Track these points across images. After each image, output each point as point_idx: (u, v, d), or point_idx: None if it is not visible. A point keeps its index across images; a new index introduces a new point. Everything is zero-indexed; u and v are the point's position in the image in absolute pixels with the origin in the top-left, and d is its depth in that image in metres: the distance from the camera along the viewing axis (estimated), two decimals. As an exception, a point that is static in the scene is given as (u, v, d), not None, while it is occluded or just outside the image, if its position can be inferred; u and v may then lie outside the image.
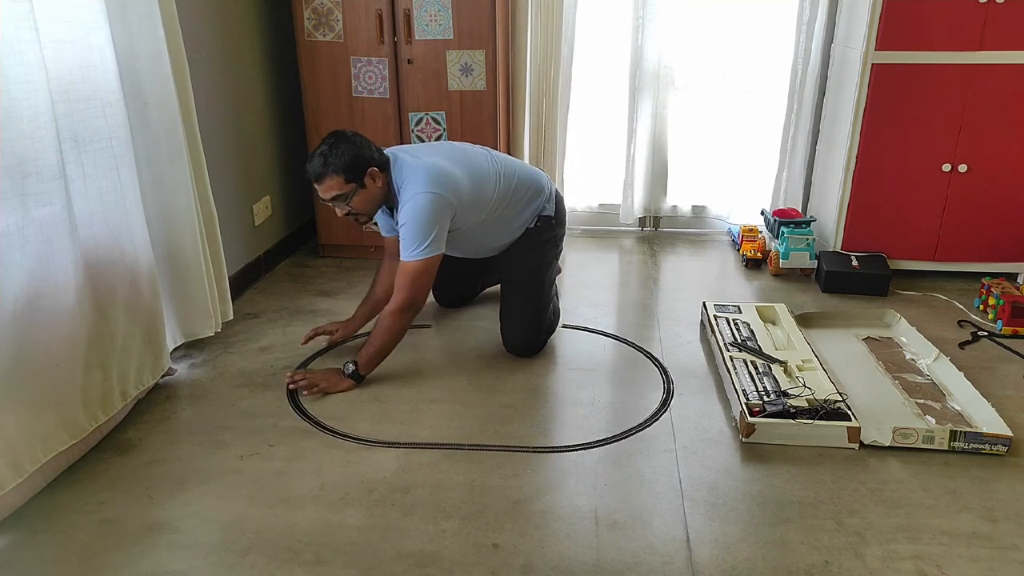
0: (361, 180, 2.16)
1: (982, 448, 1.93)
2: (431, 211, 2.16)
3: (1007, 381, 2.31)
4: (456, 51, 3.01)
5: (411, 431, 2.06)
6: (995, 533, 1.66)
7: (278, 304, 2.91)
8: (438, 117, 3.12)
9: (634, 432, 2.06)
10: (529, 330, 2.48)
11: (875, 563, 1.57)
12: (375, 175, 2.18)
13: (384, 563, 1.59)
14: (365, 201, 2.21)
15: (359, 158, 2.15)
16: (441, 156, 2.30)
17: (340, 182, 2.14)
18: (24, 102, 1.66)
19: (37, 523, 1.71)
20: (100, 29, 1.92)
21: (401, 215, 2.20)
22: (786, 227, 3.16)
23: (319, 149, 2.16)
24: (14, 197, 1.66)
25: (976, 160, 2.91)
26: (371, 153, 2.19)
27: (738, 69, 3.48)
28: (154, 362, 2.21)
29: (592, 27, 3.47)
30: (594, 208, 3.80)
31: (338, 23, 3.03)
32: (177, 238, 2.29)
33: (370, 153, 2.19)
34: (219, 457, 1.95)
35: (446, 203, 2.18)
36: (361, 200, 2.20)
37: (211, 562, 1.59)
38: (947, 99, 2.86)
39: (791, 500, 1.77)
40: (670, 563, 1.58)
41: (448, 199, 2.18)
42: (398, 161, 2.24)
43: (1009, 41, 2.75)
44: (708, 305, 2.70)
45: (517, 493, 1.80)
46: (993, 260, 3.04)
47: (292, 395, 2.25)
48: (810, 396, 2.08)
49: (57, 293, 1.80)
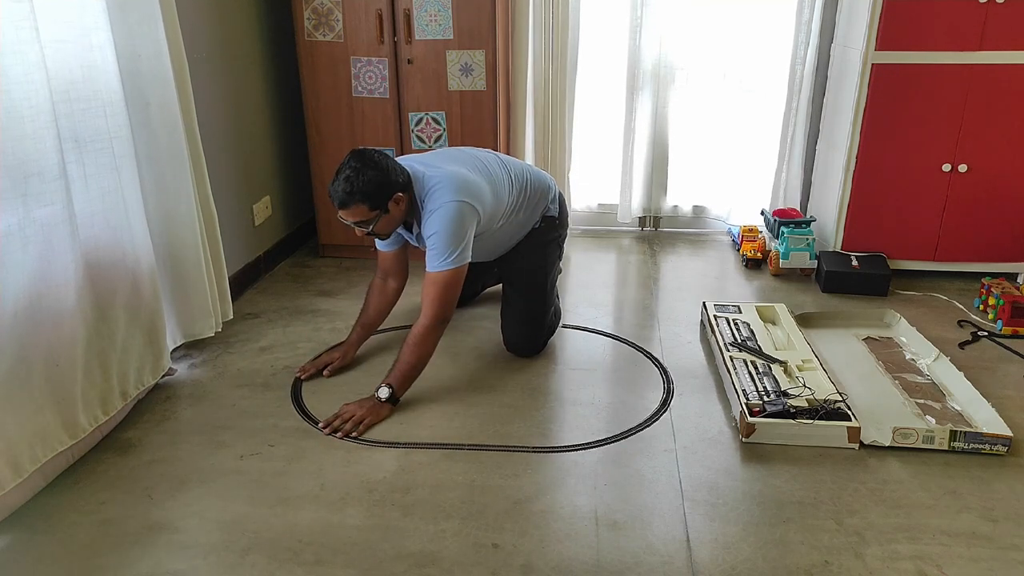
0: (386, 207, 2.09)
1: (982, 448, 1.93)
2: (461, 220, 2.12)
3: (1007, 381, 2.31)
4: (456, 51, 3.01)
5: (411, 431, 2.06)
6: (995, 533, 1.66)
7: (278, 304, 2.91)
8: (438, 117, 3.12)
9: (634, 432, 2.06)
10: (530, 330, 2.47)
11: (875, 563, 1.57)
12: (399, 199, 2.12)
13: (384, 563, 1.59)
14: (387, 224, 2.15)
15: (385, 185, 2.07)
16: (459, 164, 2.27)
17: (365, 210, 2.06)
18: (25, 102, 1.66)
19: (37, 523, 1.71)
20: (101, 29, 1.92)
21: (428, 226, 2.14)
22: (786, 227, 3.16)
23: (343, 174, 2.05)
24: (15, 197, 1.67)
25: (976, 160, 2.91)
26: (396, 178, 2.10)
27: (738, 69, 3.48)
28: (154, 362, 2.21)
29: (591, 27, 3.47)
30: (594, 208, 3.80)
31: (338, 23, 3.03)
32: (178, 238, 2.29)
33: (395, 178, 2.10)
34: (219, 457, 1.95)
35: (473, 211, 2.15)
36: (384, 224, 2.14)
37: (211, 562, 1.59)
38: (947, 99, 2.86)
39: (791, 500, 1.77)
40: (670, 563, 1.58)
41: (475, 207, 2.16)
42: (417, 174, 2.18)
43: (1009, 41, 2.75)
44: (708, 305, 2.70)
45: (517, 493, 1.80)
46: (993, 260, 3.04)
47: (293, 395, 2.25)
48: (810, 396, 2.08)
49: (58, 293, 1.80)
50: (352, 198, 2.04)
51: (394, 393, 2.14)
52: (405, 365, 2.16)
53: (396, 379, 2.15)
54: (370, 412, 2.09)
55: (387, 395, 2.13)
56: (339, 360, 2.40)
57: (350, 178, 2.03)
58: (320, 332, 2.66)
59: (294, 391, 2.27)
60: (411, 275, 2.50)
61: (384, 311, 2.47)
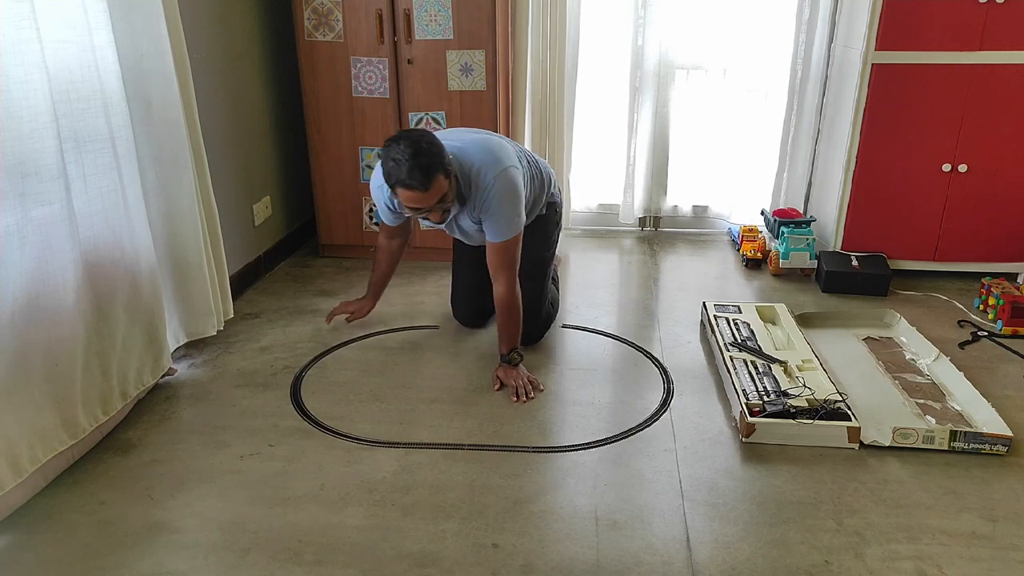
0: (450, 171, 2.04)
1: (982, 448, 1.93)
2: (519, 184, 2.20)
3: (1007, 381, 2.31)
4: (456, 51, 3.01)
5: (411, 431, 2.06)
6: (995, 533, 1.66)
7: (278, 304, 2.91)
8: (438, 117, 3.12)
9: (634, 432, 2.06)
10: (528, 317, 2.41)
11: (875, 563, 1.57)
12: (451, 164, 2.06)
13: (384, 563, 1.59)
14: (451, 193, 2.08)
15: (442, 149, 2.01)
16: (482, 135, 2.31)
17: (444, 181, 2.00)
18: (24, 102, 1.66)
19: (37, 523, 1.71)
20: (102, 29, 1.92)
21: (494, 197, 2.14)
22: (786, 227, 3.16)
23: (404, 159, 1.93)
24: (14, 197, 1.67)
25: (976, 160, 2.91)
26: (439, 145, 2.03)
27: (739, 68, 3.48)
28: (154, 362, 2.21)
29: (592, 27, 3.47)
30: (594, 208, 3.80)
31: (338, 23, 3.03)
32: (179, 237, 2.29)
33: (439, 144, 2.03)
34: (219, 457, 1.95)
35: (518, 171, 2.23)
36: (452, 193, 2.08)
37: (211, 562, 1.59)
38: (947, 99, 2.86)
39: (791, 500, 1.77)
40: (670, 563, 1.58)
41: (518, 167, 2.24)
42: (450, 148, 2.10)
43: (1009, 41, 2.75)
44: (708, 305, 2.70)
45: (517, 493, 1.80)
46: (993, 260, 3.04)
47: (293, 395, 2.25)
48: (810, 396, 2.08)
49: (57, 293, 1.80)
50: (433, 171, 1.96)
51: (518, 351, 2.30)
52: (510, 331, 2.29)
53: (511, 343, 2.29)
54: (521, 374, 2.26)
55: (517, 358, 2.29)
56: (358, 313, 2.65)
57: (417, 156, 1.93)
58: (320, 332, 2.66)
59: (294, 391, 2.27)
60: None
61: (394, 265, 2.61)
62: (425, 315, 2.79)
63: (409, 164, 1.95)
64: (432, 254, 3.29)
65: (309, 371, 2.39)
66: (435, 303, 2.89)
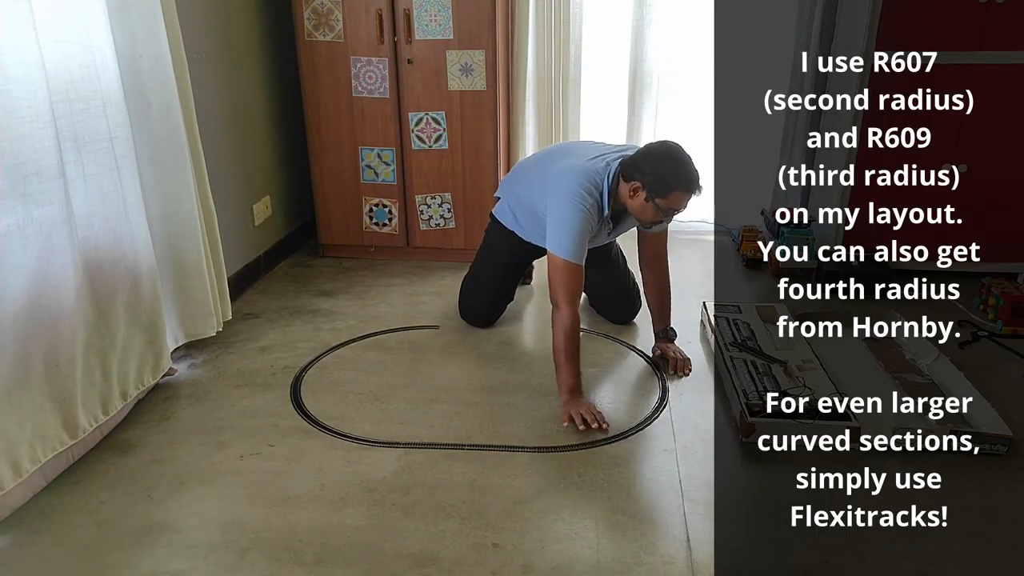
0: None
1: (982, 448, 1.93)
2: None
3: (1007, 381, 2.31)
4: (456, 51, 3.01)
5: (411, 431, 2.06)
6: (995, 533, 1.66)
7: (278, 304, 2.91)
8: (438, 117, 3.11)
9: (634, 432, 2.06)
10: (634, 297, 2.70)
11: (875, 563, 1.57)
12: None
13: (384, 563, 1.58)
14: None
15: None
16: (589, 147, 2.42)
17: None
18: (24, 102, 1.66)
19: (37, 523, 1.71)
20: (101, 29, 1.92)
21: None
22: (786, 227, 3.16)
23: (684, 162, 2.15)
24: (14, 197, 1.66)
25: (976, 160, 2.90)
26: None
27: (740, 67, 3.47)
28: (154, 362, 2.21)
29: (592, 27, 3.47)
30: (594, 208, 3.80)
31: (338, 23, 3.03)
32: (178, 238, 2.29)
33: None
34: (219, 457, 1.95)
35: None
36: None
37: (211, 562, 1.59)
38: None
39: (791, 500, 1.77)
40: (670, 563, 1.58)
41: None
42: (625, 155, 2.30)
43: (1009, 41, 2.75)
44: (708, 305, 2.70)
45: (517, 493, 1.80)
46: (993, 260, 3.04)
47: (293, 395, 2.25)
48: (810, 396, 2.07)
49: (57, 293, 1.80)
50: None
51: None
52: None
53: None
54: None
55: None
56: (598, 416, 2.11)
57: (691, 160, 2.15)
58: (320, 332, 2.65)
59: (294, 391, 2.27)
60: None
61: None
62: (425, 315, 2.79)
63: (693, 170, 2.14)
64: (432, 254, 3.29)
65: (309, 371, 2.39)
66: (435, 303, 2.89)
